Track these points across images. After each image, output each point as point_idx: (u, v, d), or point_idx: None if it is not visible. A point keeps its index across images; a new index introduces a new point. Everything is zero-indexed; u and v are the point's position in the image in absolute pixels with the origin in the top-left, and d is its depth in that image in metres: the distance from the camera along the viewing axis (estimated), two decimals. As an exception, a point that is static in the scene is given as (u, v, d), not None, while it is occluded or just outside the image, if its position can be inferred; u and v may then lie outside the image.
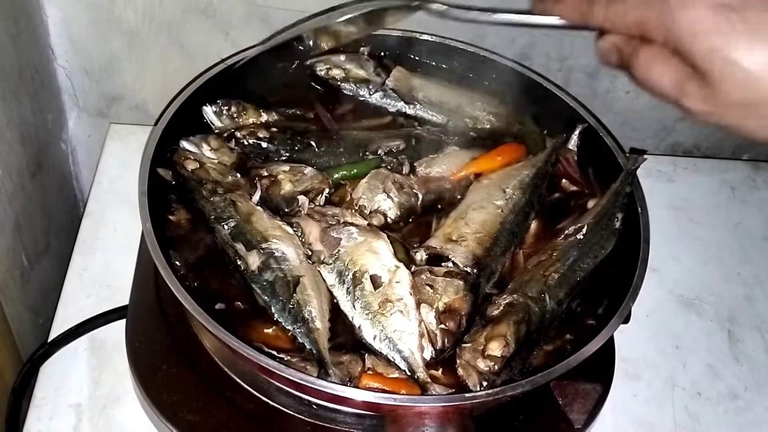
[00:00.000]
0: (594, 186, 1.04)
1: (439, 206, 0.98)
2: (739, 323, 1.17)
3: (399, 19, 0.97)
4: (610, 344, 0.95)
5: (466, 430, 0.75)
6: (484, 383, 0.79)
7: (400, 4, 0.92)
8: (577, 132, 1.06)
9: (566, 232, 0.95)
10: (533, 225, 0.99)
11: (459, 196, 0.98)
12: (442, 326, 0.83)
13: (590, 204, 1.01)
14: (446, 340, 0.83)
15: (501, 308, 0.86)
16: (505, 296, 0.87)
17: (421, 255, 0.90)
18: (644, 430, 1.04)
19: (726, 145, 1.46)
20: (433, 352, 0.82)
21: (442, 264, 0.88)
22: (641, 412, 1.05)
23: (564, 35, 1.24)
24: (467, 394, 0.76)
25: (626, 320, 0.84)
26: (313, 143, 1.01)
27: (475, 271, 0.88)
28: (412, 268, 0.88)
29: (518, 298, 0.86)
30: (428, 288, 0.85)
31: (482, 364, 0.80)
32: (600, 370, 0.91)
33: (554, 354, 0.86)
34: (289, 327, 0.82)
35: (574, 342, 0.87)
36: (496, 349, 0.81)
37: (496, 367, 0.80)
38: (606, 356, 0.94)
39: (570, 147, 1.07)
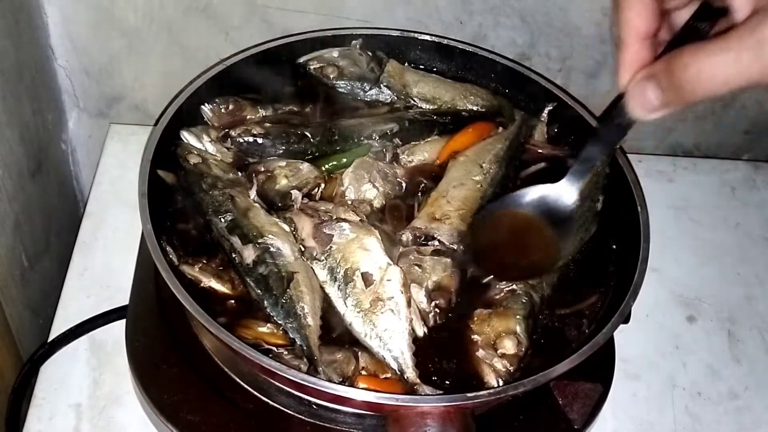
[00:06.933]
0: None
1: (422, 190, 0.99)
2: (739, 323, 1.17)
3: None
4: (610, 344, 0.95)
5: (468, 430, 0.75)
6: (501, 381, 0.81)
7: None
8: (546, 111, 1.08)
9: None
10: None
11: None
12: (434, 303, 0.85)
13: (570, 163, 1.03)
14: (438, 318, 0.85)
15: (502, 294, 0.87)
16: (505, 282, 0.88)
17: (407, 236, 0.91)
18: (644, 430, 1.04)
19: (726, 145, 1.46)
20: (426, 330, 0.83)
21: (429, 243, 0.90)
22: (641, 412, 1.05)
23: (564, 35, 1.25)
24: (469, 394, 0.76)
25: (626, 320, 0.84)
26: (308, 134, 1.01)
27: (461, 247, 0.89)
28: (400, 250, 0.89)
29: (519, 285, 0.87)
30: (417, 268, 0.87)
31: (499, 365, 0.81)
32: (600, 370, 0.91)
33: (554, 353, 0.86)
34: (280, 321, 0.83)
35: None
36: (510, 347, 0.82)
37: (512, 368, 0.81)
38: (606, 356, 0.94)
39: (541, 127, 1.08)
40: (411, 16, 1.23)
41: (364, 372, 0.82)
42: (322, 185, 0.97)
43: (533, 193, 0.81)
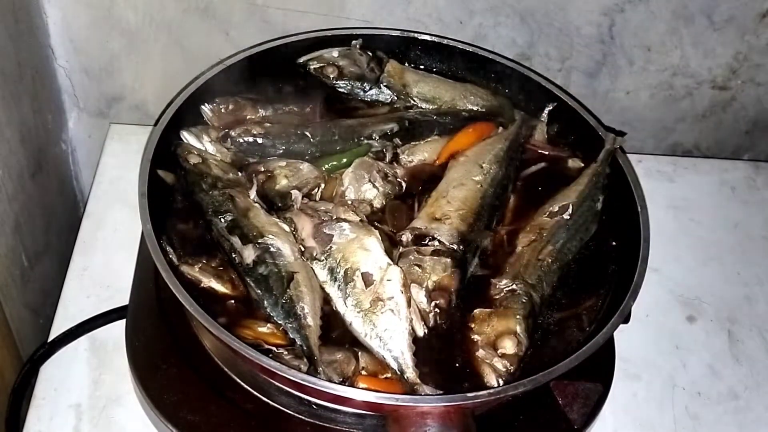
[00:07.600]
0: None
1: (422, 190, 1.00)
2: (739, 323, 1.17)
3: None
4: (610, 344, 0.95)
5: (468, 430, 0.75)
6: (501, 381, 0.81)
7: None
8: (546, 111, 1.08)
9: (551, 209, 0.97)
10: (512, 200, 1.01)
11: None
12: (434, 303, 0.85)
13: (570, 163, 1.05)
14: (438, 318, 0.85)
15: (502, 293, 0.87)
16: (506, 281, 0.88)
17: (407, 236, 0.91)
18: (644, 430, 1.03)
19: (726, 145, 1.46)
20: (426, 330, 0.83)
21: (429, 243, 0.90)
22: (641, 412, 1.05)
23: (564, 35, 1.25)
24: (469, 394, 0.76)
25: (626, 320, 0.84)
26: (308, 134, 1.01)
27: (461, 247, 0.90)
28: (400, 250, 0.89)
29: (520, 285, 0.87)
30: (417, 268, 0.87)
31: (500, 365, 0.81)
32: (600, 370, 0.91)
33: (554, 353, 0.86)
34: (280, 321, 0.83)
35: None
36: (510, 347, 0.82)
37: (512, 368, 0.81)
38: (606, 356, 0.94)
39: (541, 127, 1.08)
40: (411, 16, 1.23)
41: (364, 372, 0.82)
42: (322, 185, 0.97)
43: None
